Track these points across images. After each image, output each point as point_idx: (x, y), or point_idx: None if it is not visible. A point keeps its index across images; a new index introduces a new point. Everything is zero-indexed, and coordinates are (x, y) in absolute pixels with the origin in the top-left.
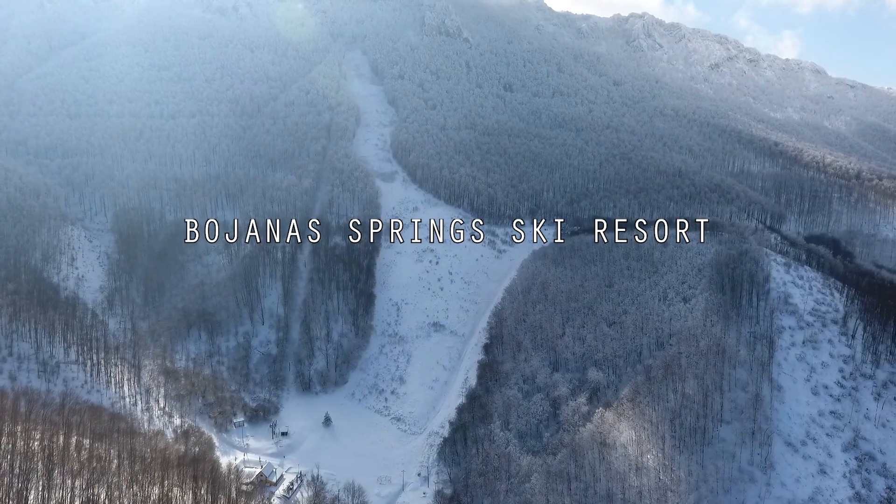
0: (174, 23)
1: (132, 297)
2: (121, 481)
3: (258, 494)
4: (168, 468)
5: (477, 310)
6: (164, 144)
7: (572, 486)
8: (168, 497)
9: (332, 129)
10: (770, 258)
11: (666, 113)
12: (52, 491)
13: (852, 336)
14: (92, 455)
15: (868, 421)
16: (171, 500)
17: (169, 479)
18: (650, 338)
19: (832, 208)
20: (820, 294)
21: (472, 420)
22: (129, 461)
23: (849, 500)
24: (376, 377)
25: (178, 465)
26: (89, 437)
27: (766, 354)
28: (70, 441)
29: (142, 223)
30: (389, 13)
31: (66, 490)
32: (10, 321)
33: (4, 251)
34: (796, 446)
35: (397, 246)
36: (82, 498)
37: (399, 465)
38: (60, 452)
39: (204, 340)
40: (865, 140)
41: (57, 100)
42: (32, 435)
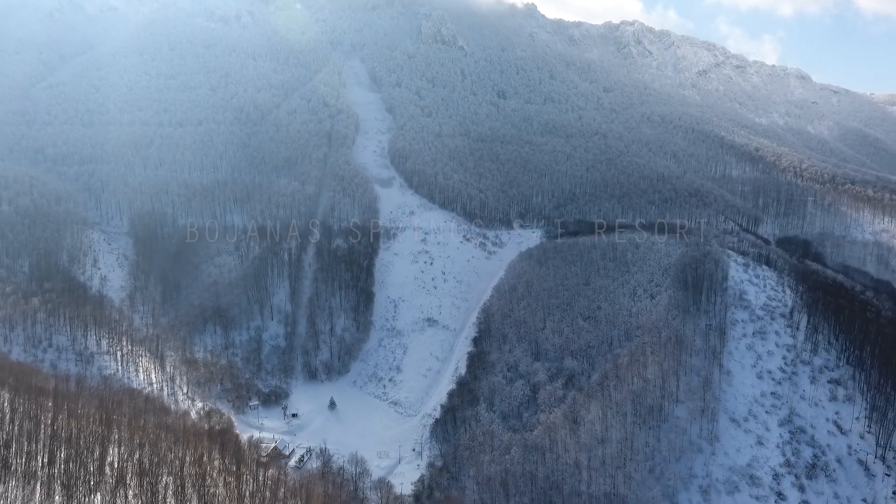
0: (178, 31)
1: (152, 294)
2: (159, 449)
3: (274, 464)
4: (197, 440)
5: (467, 306)
6: (173, 151)
7: (546, 456)
8: (200, 462)
9: (333, 136)
10: (731, 259)
11: (653, 119)
12: (105, 455)
13: (797, 328)
14: (133, 427)
15: (803, 400)
16: (203, 465)
17: (198, 448)
18: (620, 330)
19: (806, 211)
20: (772, 291)
21: (460, 403)
22: (165, 433)
23: (779, 466)
24: (375, 367)
25: (206, 437)
26: (127, 414)
27: (719, 344)
28: (113, 416)
29: (156, 227)
30: (387, 22)
31: (116, 455)
32: (48, 316)
33: (37, 254)
34: (739, 422)
35: (394, 247)
36: (131, 460)
37: (396, 442)
38: (109, 424)
39: (219, 334)
40: (846, 145)
41: (70, 109)
42: (86, 409)
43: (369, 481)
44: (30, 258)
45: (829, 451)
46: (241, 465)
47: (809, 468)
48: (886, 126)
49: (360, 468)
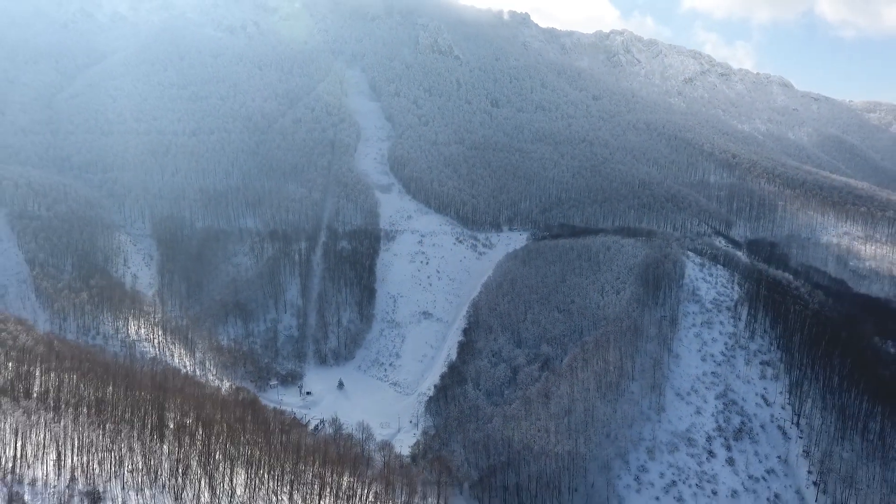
0: (188, 41)
1: (178, 290)
2: (204, 411)
3: (294, 431)
4: (234, 406)
5: (459, 301)
6: (188, 159)
7: (521, 424)
8: (238, 422)
9: (336, 144)
10: (689, 259)
11: (639, 126)
12: (163, 414)
13: (739, 318)
14: (182, 395)
15: (737, 378)
16: (239, 426)
17: (235, 413)
18: (588, 321)
19: (776, 215)
20: (722, 287)
21: (451, 383)
22: (206, 401)
23: (712, 430)
24: (377, 353)
25: (239, 406)
26: (173, 387)
27: (671, 332)
28: (167, 386)
29: (176, 230)
30: (386, 32)
31: (171, 418)
32: (94, 308)
33: (77, 254)
34: (682, 396)
35: (394, 249)
36: (182, 422)
37: (396, 416)
38: (165, 391)
39: (239, 325)
40: (823, 151)
41: (90, 118)
42: (144, 381)
43: (374, 444)
44: (71, 258)
45: (755, 419)
46: (269, 429)
47: (737, 432)
48: (863, 133)
49: (366, 434)
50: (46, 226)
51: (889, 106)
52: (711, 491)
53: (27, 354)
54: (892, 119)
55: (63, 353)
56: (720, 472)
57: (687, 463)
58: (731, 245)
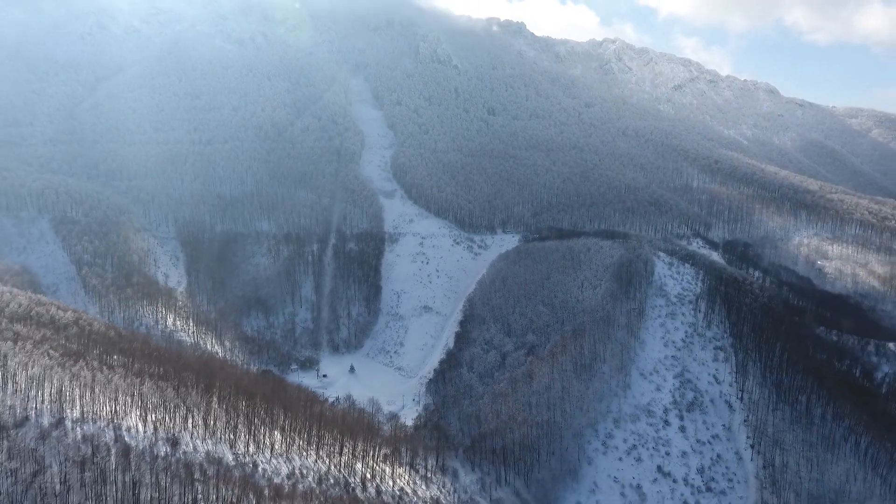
0: (199, 53)
1: (204, 287)
2: (239, 388)
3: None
4: (265, 384)
5: (456, 297)
6: (205, 167)
7: (508, 399)
8: (272, 396)
9: (342, 152)
10: (659, 259)
11: (628, 133)
12: (211, 388)
13: (699, 310)
14: (221, 374)
15: (694, 361)
16: (269, 399)
17: (265, 389)
18: (569, 313)
19: (753, 217)
20: (687, 283)
21: (448, 367)
22: (241, 379)
23: (669, 404)
24: (384, 342)
25: (267, 383)
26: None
27: (638, 322)
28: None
29: (199, 233)
30: (388, 42)
31: (216, 391)
32: (136, 302)
33: (116, 255)
34: (646, 375)
35: (397, 250)
36: (226, 393)
37: (401, 395)
38: (212, 370)
39: (261, 318)
40: (805, 155)
41: (112, 128)
42: (192, 363)
43: (382, 416)
44: (111, 259)
45: (706, 395)
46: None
47: (689, 405)
48: (844, 137)
49: (376, 408)
50: (86, 230)
51: (870, 112)
52: (665, 452)
53: (102, 336)
54: (872, 125)
55: (126, 337)
56: (673, 437)
57: (646, 430)
58: (708, 246)
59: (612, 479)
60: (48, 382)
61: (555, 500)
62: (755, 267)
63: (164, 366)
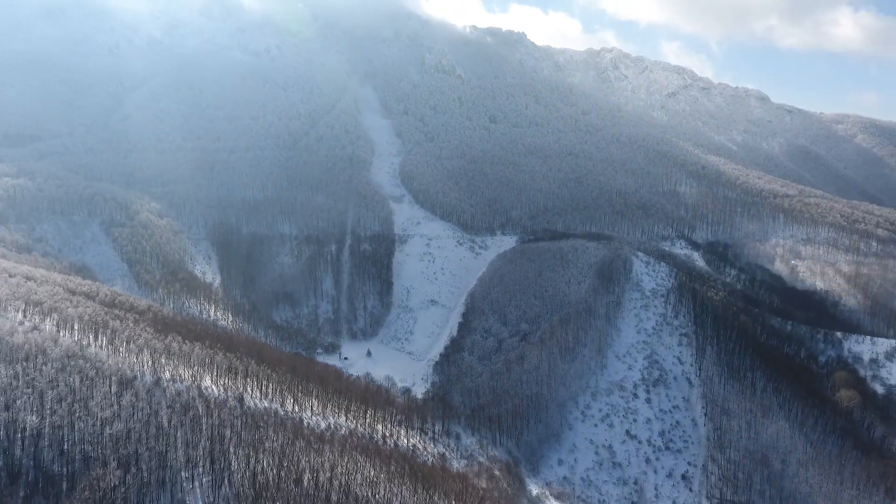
0: (219, 64)
1: (236, 283)
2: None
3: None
4: (300, 363)
5: (459, 292)
6: (230, 174)
7: (502, 377)
8: (306, 372)
9: (354, 160)
10: (637, 258)
11: (621, 140)
12: (261, 369)
13: (669, 302)
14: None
15: (661, 345)
16: (303, 373)
17: (300, 365)
18: (557, 305)
19: (735, 220)
20: (661, 279)
21: (452, 352)
22: (280, 358)
23: (638, 380)
24: (396, 331)
25: (300, 362)
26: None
27: (616, 313)
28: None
29: (228, 234)
30: (395, 53)
31: (262, 367)
32: (184, 295)
33: (162, 256)
34: (620, 357)
35: (406, 250)
36: (269, 370)
37: (412, 374)
38: (261, 353)
39: (288, 310)
40: (791, 160)
41: (144, 138)
42: (237, 345)
43: (396, 391)
44: (157, 258)
45: (670, 373)
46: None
47: (655, 381)
48: (829, 143)
49: (391, 384)
50: (133, 232)
51: (856, 118)
52: (633, 419)
53: (171, 320)
54: (857, 131)
55: (188, 321)
56: (640, 407)
57: (618, 402)
58: (691, 246)
59: (589, 441)
60: (147, 351)
61: (540, 458)
62: (733, 266)
63: (223, 343)
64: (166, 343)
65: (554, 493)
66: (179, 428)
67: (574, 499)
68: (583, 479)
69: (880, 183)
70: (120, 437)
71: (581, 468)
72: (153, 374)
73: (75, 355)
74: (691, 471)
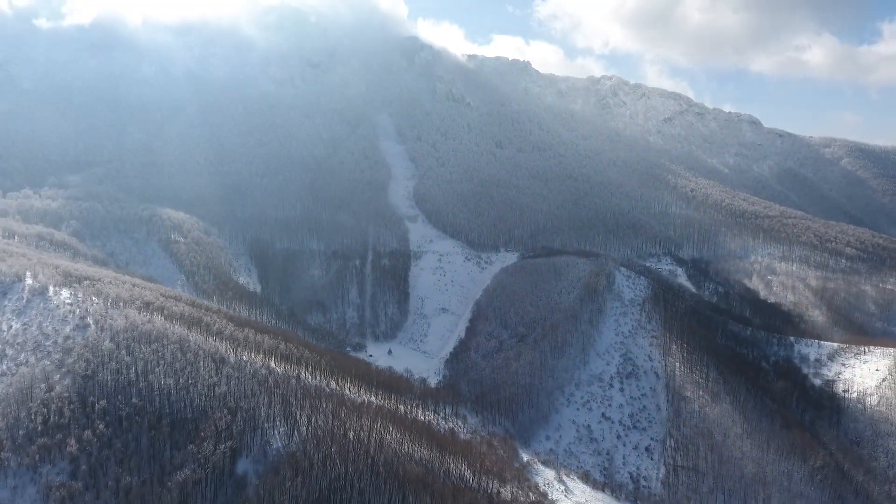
0: (248, 93)
1: (275, 291)
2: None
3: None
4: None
5: (466, 301)
6: (263, 195)
7: (502, 370)
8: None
9: (372, 183)
10: (619, 272)
11: (618, 164)
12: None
13: (644, 310)
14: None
15: (635, 345)
16: (340, 365)
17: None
18: (549, 312)
19: (719, 238)
20: (639, 291)
21: (460, 351)
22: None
23: (614, 373)
24: (412, 334)
25: (335, 356)
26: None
27: (598, 318)
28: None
29: (264, 249)
30: (409, 82)
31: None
32: (235, 303)
33: (213, 268)
34: (600, 355)
35: (420, 265)
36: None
37: (426, 369)
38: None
39: (320, 315)
40: (779, 182)
41: (186, 163)
42: (291, 337)
43: (414, 380)
44: (209, 270)
45: (640, 368)
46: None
47: (628, 374)
48: (817, 166)
49: (409, 375)
50: (187, 248)
51: (842, 142)
52: (608, 404)
53: (236, 318)
54: (843, 154)
55: (249, 320)
56: (615, 395)
57: (597, 391)
58: (676, 263)
59: (571, 422)
60: (229, 340)
61: (532, 435)
62: (713, 280)
63: (281, 337)
64: (244, 334)
65: (541, 460)
66: (260, 394)
67: (557, 465)
68: (565, 451)
69: (862, 204)
70: (224, 396)
71: (564, 442)
72: (236, 355)
73: (185, 339)
74: (653, 444)
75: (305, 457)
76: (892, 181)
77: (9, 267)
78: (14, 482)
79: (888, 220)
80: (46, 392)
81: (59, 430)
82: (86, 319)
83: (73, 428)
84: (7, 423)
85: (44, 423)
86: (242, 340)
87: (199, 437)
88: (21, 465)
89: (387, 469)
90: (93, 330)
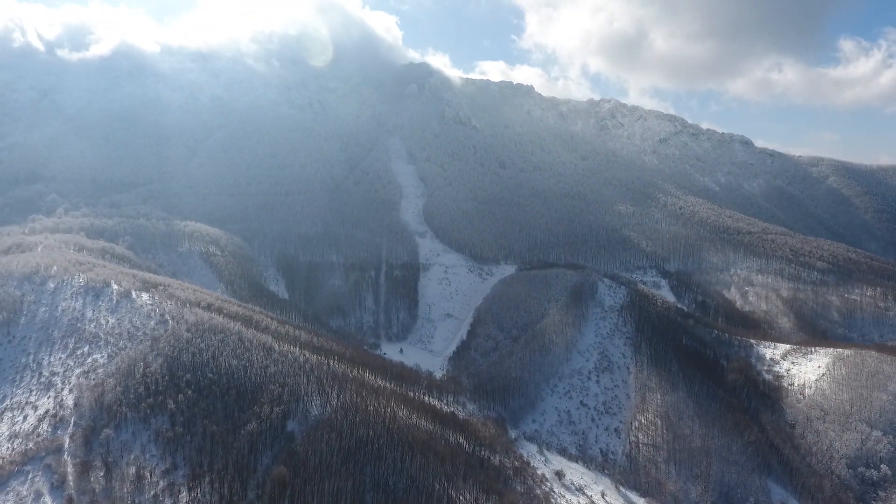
0: (271, 118)
1: (301, 298)
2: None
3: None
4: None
5: (468, 308)
6: (288, 213)
7: (497, 366)
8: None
9: (385, 201)
10: (602, 282)
11: (613, 182)
12: (337, 352)
13: (622, 315)
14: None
15: (612, 345)
16: (360, 358)
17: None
18: (540, 316)
19: (701, 253)
20: (618, 299)
21: (462, 350)
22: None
23: (592, 368)
24: (420, 336)
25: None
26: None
27: (581, 322)
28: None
29: (290, 262)
30: (419, 107)
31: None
32: (270, 308)
33: (248, 279)
34: (581, 353)
35: (428, 276)
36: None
37: (433, 365)
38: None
39: (340, 319)
40: (768, 200)
41: (218, 184)
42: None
43: (422, 373)
44: (245, 280)
45: (615, 364)
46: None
47: (604, 369)
48: (805, 184)
49: (418, 369)
50: (226, 261)
51: (830, 161)
52: (586, 394)
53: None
54: (829, 172)
55: (288, 320)
56: (592, 386)
57: (577, 382)
58: (661, 275)
59: (554, 408)
60: (273, 334)
61: (520, 419)
62: (694, 291)
63: (314, 333)
64: (285, 329)
65: (527, 437)
66: (300, 375)
67: (540, 442)
68: (548, 431)
69: (845, 220)
70: (274, 374)
71: (548, 425)
72: (279, 346)
73: (241, 332)
74: (621, 426)
75: (336, 421)
76: (875, 199)
77: (97, 275)
78: (132, 428)
79: (869, 235)
80: (145, 368)
81: (159, 394)
82: (164, 316)
83: (169, 392)
84: (122, 389)
85: (146, 389)
86: (284, 335)
87: (258, 402)
88: (136, 417)
89: (399, 434)
90: (172, 324)
